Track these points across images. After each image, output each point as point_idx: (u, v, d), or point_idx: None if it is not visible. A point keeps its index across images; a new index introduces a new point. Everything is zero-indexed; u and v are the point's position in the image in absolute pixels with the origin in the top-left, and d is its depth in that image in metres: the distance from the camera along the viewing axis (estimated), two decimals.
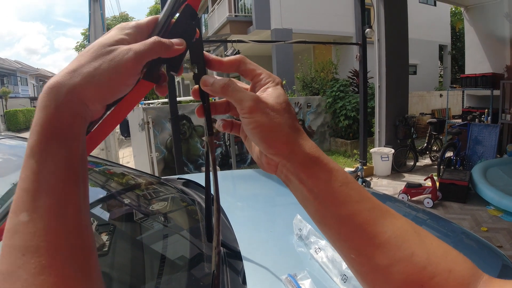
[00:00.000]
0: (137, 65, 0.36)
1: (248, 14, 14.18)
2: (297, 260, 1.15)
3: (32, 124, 0.32)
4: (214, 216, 0.44)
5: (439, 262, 0.35)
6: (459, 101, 12.33)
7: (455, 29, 18.14)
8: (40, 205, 0.30)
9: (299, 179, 0.39)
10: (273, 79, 0.42)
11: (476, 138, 6.32)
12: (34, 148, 0.31)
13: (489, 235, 3.81)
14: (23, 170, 0.31)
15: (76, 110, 0.33)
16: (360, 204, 0.38)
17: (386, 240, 0.37)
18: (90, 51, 0.35)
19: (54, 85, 0.33)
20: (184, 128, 7.02)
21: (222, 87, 0.40)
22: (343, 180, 0.39)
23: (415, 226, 0.39)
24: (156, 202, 1.53)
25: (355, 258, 0.38)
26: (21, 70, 41.94)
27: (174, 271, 1.07)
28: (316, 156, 0.39)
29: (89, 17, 7.30)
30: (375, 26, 6.36)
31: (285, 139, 0.38)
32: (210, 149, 0.45)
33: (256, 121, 0.38)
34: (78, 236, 0.31)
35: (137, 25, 0.39)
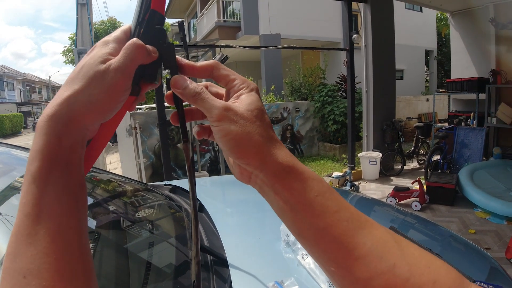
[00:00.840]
0: (127, 81, 0.37)
1: (237, 19, 14.22)
2: (284, 266, 1.14)
3: (32, 150, 0.33)
4: (192, 224, 0.43)
5: (422, 273, 0.34)
6: (445, 105, 12.50)
7: (441, 35, 18.42)
8: (41, 228, 0.31)
9: (274, 190, 0.38)
10: (247, 85, 0.41)
11: (462, 141, 6.40)
12: (35, 174, 0.32)
13: (477, 237, 3.84)
14: (24, 195, 0.32)
15: (76, 138, 0.35)
16: (338, 215, 0.36)
17: (366, 252, 0.35)
18: (81, 74, 0.36)
19: (53, 115, 0.34)
20: (172, 134, 6.97)
21: (193, 95, 0.39)
22: (320, 190, 0.37)
23: (395, 236, 0.38)
24: (142, 209, 1.50)
25: (335, 270, 0.37)
26: (8, 75, 41.36)
27: (160, 279, 1.05)
28: (290, 165, 0.37)
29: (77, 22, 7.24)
30: (362, 32, 6.43)
31: (256, 148, 0.37)
32: (186, 156, 0.43)
33: (224, 129, 0.37)
34: (78, 260, 0.32)
35: (116, 38, 0.39)
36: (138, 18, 0.40)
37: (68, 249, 0.31)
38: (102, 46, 0.38)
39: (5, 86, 40.70)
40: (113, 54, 0.37)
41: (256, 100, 0.40)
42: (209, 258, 1.13)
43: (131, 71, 0.37)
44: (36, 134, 0.34)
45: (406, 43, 15.13)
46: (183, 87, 0.39)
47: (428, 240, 1.60)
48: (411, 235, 1.57)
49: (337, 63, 13.23)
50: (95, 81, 0.35)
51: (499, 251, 3.50)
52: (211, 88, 0.45)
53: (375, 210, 1.97)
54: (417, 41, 16.74)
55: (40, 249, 0.30)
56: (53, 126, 0.33)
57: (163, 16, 0.41)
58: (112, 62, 0.36)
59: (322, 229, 0.36)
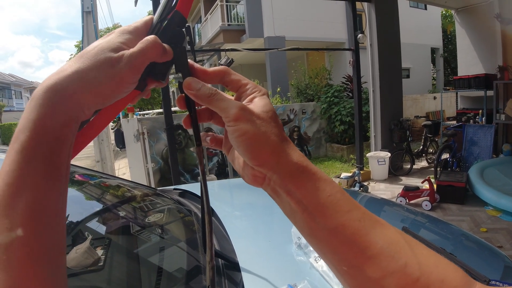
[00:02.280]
0: (136, 75, 0.37)
1: (241, 23, 14.25)
2: (297, 269, 1.13)
3: (23, 119, 0.33)
4: (206, 229, 0.43)
5: (431, 272, 0.34)
6: (453, 103, 12.40)
7: (447, 32, 18.32)
8: (20, 201, 0.30)
9: (287, 191, 0.37)
10: (259, 90, 0.41)
11: (471, 139, 6.34)
12: (24, 144, 0.31)
13: (489, 235, 3.80)
14: (8, 163, 0.31)
15: (72, 114, 0.34)
16: (350, 214, 0.36)
17: (378, 251, 0.35)
18: (90, 53, 0.36)
19: (53, 86, 0.33)
20: (180, 138, 6.99)
21: (208, 96, 0.39)
22: (331, 190, 0.37)
23: (404, 236, 0.38)
24: (152, 214, 1.50)
25: (347, 270, 0.37)
26: (16, 84, 41.87)
27: (171, 284, 1.05)
28: (303, 165, 0.38)
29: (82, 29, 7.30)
30: (367, 31, 6.41)
31: (272, 148, 0.37)
32: (199, 160, 0.43)
33: (241, 128, 0.37)
34: (51, 237, 0.31)
35: (135, 29, 0.40)
36: (162, 14, 0.41)
37: (44, 227, 0.31)
38: (120, 34, 0.38)
39: (13, 94, 41.19)
40: (127, 44, 0.37)
41: (269, 103, 0.40)
42: (220, 262, 1.12)
43: (142, 67, 0.37)
44: (31, 103, 0.33)
45: (412, 42, 15.05)
46: (197, 89, 0.39)
47: (440, 239, 1.58)
48: (423, 234, 1.56)
49: (342, 64, 13.20)
50: (104, 67, 0.35)
51: (511, 249, 3.46)
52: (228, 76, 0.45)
53: (385, 210, 1.96)
54: (422, 39, 16.64)
55: (15, 223, 0.29)
56: (50, 98, 0.33)
57: (185, 19, 0.41)
58: (125, 53, 0.36)
59: (334, 229, 0.36)
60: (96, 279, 0.97)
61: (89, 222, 1.20)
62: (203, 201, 0.43)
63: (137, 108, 11.36)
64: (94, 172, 2.00)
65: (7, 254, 0.28)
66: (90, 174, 1.83)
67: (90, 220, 1.23)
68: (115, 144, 8.94)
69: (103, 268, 1.00)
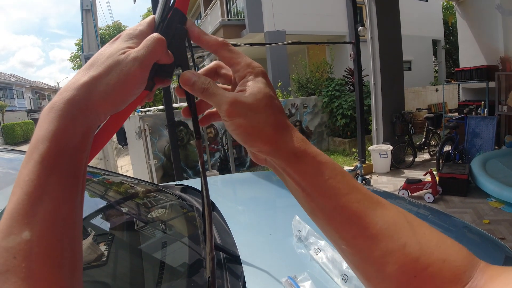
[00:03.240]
0: (144, 73, 0.38)
1: (241, 17, 14.20)
2: (297, 261, 1.14)
3: (42, 129, 0.33)
4: (206, 221, 0.43)
5: (432, 252, 0.35)
6: (455, 95, 12.33)
7: (448, 24, 18.17)
8: (41, 211, 0.30)
9: (286, 173, 0.39)
10: (252, 69, 0.41)
11: (473, 131, 6.33)
12: (44, 154, 0.32)
13: (491, 227, 3.80)
14: (27, 173, 0.31)
15: (89, 124, 0.35)
16: (349, 196, 0.37)
17: (377, 232, 0.36)
18: (100, 61, 0.36)
19: (71, 99, 0.34)
20: (182, 134, 7.00)
21: (202, 91, 0.40)
22: (331, 173, 0.38)
23: (407, 216, 0.38)
24: (155, 210, 1.52)
25: (346, 248, 0.38)
26: (17, 83, 41.88)
27: (174, 278, 1.06)
28: (302, 150, 0.38)
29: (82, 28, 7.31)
30: (367, 24, 6.38)
31: (267, 138, 0.38)
32: (198, 153, 0.44)
33: (234, 123, 0.38)
34: (69, 246, 0.31)
35: (141, 32, 0.40)
36: (162, 14, 0.41)
37: (62, 236, 0.31)
38: (126, 39, 0.39)
39: (15, 94, 41.21)
40: (133, 48, 0.38)
41: (263, 86, 0.40)
42: (222, 255, 1.13)
43: (149, 63, 0.38)
44: (50, 114, 0.33)
45: (413, 34, 14.96)
46: (191, 83, 0.40)
47: (442, 231, 1.58)
48: None
49: (343, 57, 13.15)
50: (113, 70, 0.36)
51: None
52: (221, 70, 0.46)
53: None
54: (423, 31, 16.54)
55: (35, 232, 0.29)
56: (70, 110, 0.33)
57: (185, 15, 0.42)
58: (131, 52, 0.37)
59: (333, 210, 0.37)
60: (100, 274, 0.98)
61: (92, 218, 1.21)
62: (203, 193, 0.44)
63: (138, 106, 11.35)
64: (97, 170, 2.02)
65: (26, 262, 0.28)
66: (93, 172, 1.84)
67: (94, 216, 1.24)
68: (117, 141, 8.96)
69: (106, 263, 1.01)
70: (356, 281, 0.92)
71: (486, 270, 0.34)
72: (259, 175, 2.42)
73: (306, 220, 1.26)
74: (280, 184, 2.07)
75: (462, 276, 0.34)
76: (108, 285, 0.98)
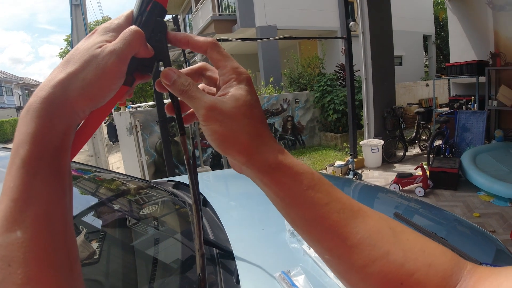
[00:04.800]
0: (122, 67, 0.36)
1: (232, 12, 14.14)
2: (290, 256, 1.14)
3: (20, 133, 0.32)
4: (194, 217, 0.43)
5: (417, 257, 0.34)
6: (445, 90, 12.46)
7: (439, 19, 18.31)
8: (28, 215, 0.29)
9: (263, 183, 0.38)
10: (237, 76, 0.40)
11: (464, 125, 6.39)
12: (25, 158, 0.31)
13: (482, 220, 3.85)
14: (11, 180, 0.31)
15: (69, 122, 0.34)
16: (328, 206, 0.37)
17: (358, 241, 0.36)
18: (76, 57, 0.35)
19: (47, 97, 0.33)
20: (173, 131, 6.97)
21: (180, 92, 0.39)
22: (309, 183, 0.37)
23: (390, 223, 0.38)
24: (147, 206, 1.51)
25: (330, 258, 0.37)
26: (6, 80, 41.29)
27: (167, 275, 1.06)
28: (277, 162, 0.37)
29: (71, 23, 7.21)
30: (359, 19, 6.38)
31: (241, 147, 0.37)
32: (183, 149, 0.43)
33: (210, 129, 0.37)
34: (64, 246, 0.31)
35: (118, 26, 0.39)
36: (140, 8, 0.40)
37: (55, 237, 0.30)
38: (103, 32, 0.38)
39: (4, 91, 40.62)
40: (111, 41, 0.37)
41: (245, 94, 0.39)
42: (215, 251, 1.13)
43: (127, 56, 0.37)
44: (27, 116, 0.32)
45: (404, 29, 15.03)
46: (171, 81, 0.39)
47: (433, 224, 1.60)
48: (416, 220, 1.57)
49: (335, 52, 13.17)
50: (90, 65, 0.35)
51: (504, 233, 3.51)
52: (206, 72, 0.45)
53: (379, 197, 1.98)
54: (414, 27, 16.63)
55: (26, 237, 0.29)
56: (47, 109, 0.32)
57: (164, 9, 0.41)
58: (108, 45, 0.36)
59: (312, 221, 0.37)
60: (92, 272, 0.97)
61: (84, 216, 1.20)
62: (192, 190, 0.43)
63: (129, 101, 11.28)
64: (88, 167, 2.00)
65: (21, 268, 0.28)
66: (84, 169, 1.82)
67: (85, 214, 1.23)
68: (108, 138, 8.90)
69: (98, 261, 1.00)
70: None
71: (474, 272, 0.34)
72: None
73: None
74: None
75: (449, 279, 0.33)
76: (101, 282, 0.97)
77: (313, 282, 0.94)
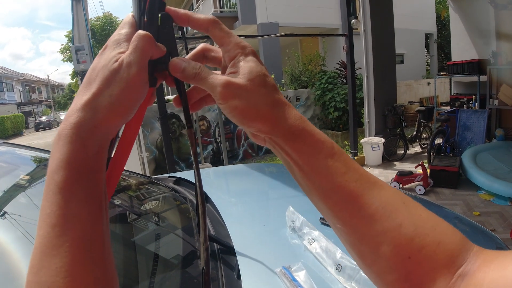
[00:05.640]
0: (144, 74, 0.36)
1: (234, 9, 14.12)
2: (291, 252, 1.15)
3: (54, 159, 0.32)
4: (199, 210, 0.43)
5: (427, 234, 0.35)
6: (446, 88, 12.44)
7: (441, 17, 18.24)
8: (67, 240, 0.30)
9: (284, 151, 0.39)
10: (242, 50, 0.40)
11: (464, 124, 6.38)
12: (61, 184, 0.31)
13: (482, 219, 3.85)
14: (48, 206, 0.31)
15: (101, 144, 0.34)
16: (346, 176, 0.37)
17: (373, 211, 0.36)
18: (96, 76, 0.35)
19: (77, 122, 0.33)
20: (174, 127, 6.98)
21: (193, 76, 0.39)
22: (328, 152, 0.38)
23: (404, 197, 0.38)
24: (148, 202, 1.51)
25: (342, 228, 0.38)
26: (6, 76, 41.29)
27: (167, 270, 1.06)
28: (300, 128, 0.38)
29: (72, 19, 7.19)
30: (360, 16, 6.36)
31: (264, 118, 0.37)
32: (190, 142, 0.43)
33: (230, 106, 0.37)
34: (102, 268, 0.32)
35: (127, 35, 0.39)
36: (140, 7, 0.40)
37: (93, 259, 0.31)
38: (115, 46, 0.37)
39: (4, 87, 40.62)
40: (125, 52, 0.37)
41: (255, 65, 0.39)
42: (216, 247, 1.13)
43: (144, 63, 0.37)
44: (59, 142, 0.33)
45: (406, 27, 14.99)
46: (181, 69, 0.39)
47: None
48: None
49: (336, 50, 13.15)
50: (113, 81, 0.35)
51: (504, 232, 3.51)
52: (208, 53, 0.44)
53: None
54: (416, 25, 16.58)
55: (65, 261, 0.29)
56: (78, 134, 0.33)
57: (163, 2, 0.40)
58: (123, 58, 0.36)
59: (329, 189, 0.37)
60: None
61: None
62: (196, 183, 0.43)
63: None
64: None
65: None
66: None
67: None
68: None
69: None
70: (350, 270, 0.92)
71: (480, 254, 0.34)
72: (252, 167, 2.41)
73: (300, 211, 1.26)
74: (273, 175, 2.08)
75: (456, 259, 0.34)
76: None
77: (314, 278, 0.94)
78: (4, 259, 0.84)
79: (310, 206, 0.43)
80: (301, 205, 1.40)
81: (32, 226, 0.98)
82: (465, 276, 0.33)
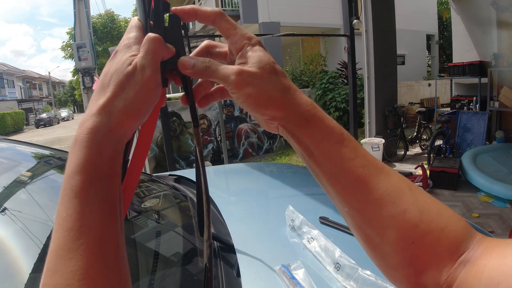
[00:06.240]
0: (157, 76, 0.37)
1: (235, 8, 14.12)
2: (291, 250, 1.15)
3: (70, 163, 0.33)
4: (204, 208, 0.44)
5: (432, 220, 0.36)
6: (447, 89, 12.43)
7: (442, 19, 18.22)
8: (82, 243, 0.30)
9: (295, 138, 0.39)
10: (249, 40, 0.41)
11: (465, 125, 6.39)
12: (77, 188, 0.32)
13: (481, 221, 3.86)
14: (64, 210, 0.32)
15: (116, 147, 0.35)
16: (354, 161, 0.38)
17: (379, 197, 0.37)
18: (111, 81, 0.36)
19: (93, 126, 0.34)
20: (175, 125, 6.97)
21: (204, 70, 0.39)
22: (338, 138, 0.39)
23: (410, 184, 0.39)
24: (148, 200, 1.52)
25: (349, 211, 0.39)
26: (7, 73, 41.25)
27: (168, 267, 1.07)
28: (311, 114, 0.39)
29: (74, 16, 7.20)
30: (362, 17, 6.36)
31: (277, 104, 0.38)
32: (196, 141, 0.44)
33: (243, 94, 0.38)
34: (116, 271, 0.32)
35: (136, 38, 0.39)
36: (145, 10, 0.40)
37: (107, 263, 0.31)
38: (126, 49, 0.38)
39: (5, 83, 40.59)
40: (136, 55, 0.38)
41: (263, 54, 0.40)
42: (216, 244, 1.14)
43: (157, 65, 0.37)
44: (76, 147, 0.33)
45: (407, 28, 14.98)
46: (191, 66, 0.40)
47: None
48: None
49: (337, 50, 13.15)
50: (128, 84, 0.35)
51: (502, 234, 3.52)
52: (213, 49, 0.45)
53: None
54: (418, 26, 16.57)
55: (80, 264, 0.30)
56: (93, 139, 0.33)
57: (167, 3, 0.41)
58: (137, 61, 0.36)
59: (338, 174, 0.38)
60: None
61: None
62: (201, 182, 0.44)
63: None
64: None
65: None
66: None
67: None
68: None
69: None
70: (348, 269, 0.93)
71: (482, 242, 0.35)
72: (252, 166, 2.42)
73: (300, 210, 1.27)
74: (273, 175, 2.08)
75: (459, 246, 0.35)
76: None
77: (313, 276, 0.95)
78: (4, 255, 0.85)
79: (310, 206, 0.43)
80: (300, 204, 1.41)
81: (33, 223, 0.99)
82: (467, 263, 0.34)
